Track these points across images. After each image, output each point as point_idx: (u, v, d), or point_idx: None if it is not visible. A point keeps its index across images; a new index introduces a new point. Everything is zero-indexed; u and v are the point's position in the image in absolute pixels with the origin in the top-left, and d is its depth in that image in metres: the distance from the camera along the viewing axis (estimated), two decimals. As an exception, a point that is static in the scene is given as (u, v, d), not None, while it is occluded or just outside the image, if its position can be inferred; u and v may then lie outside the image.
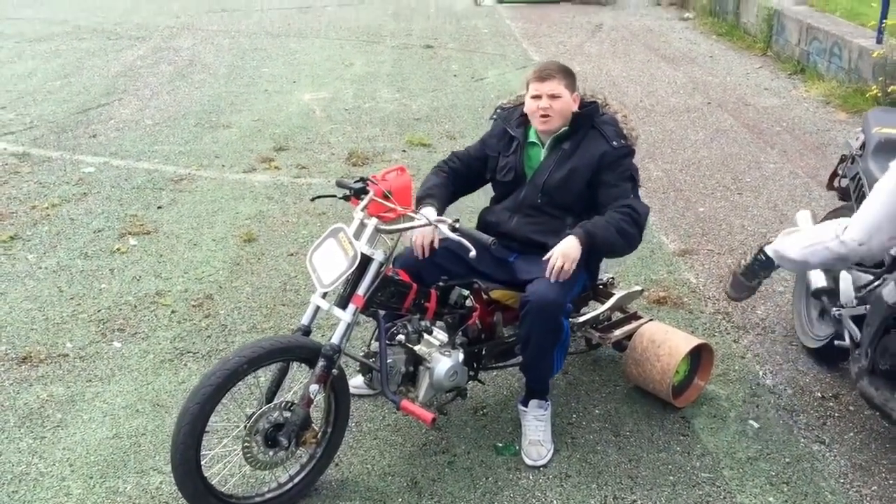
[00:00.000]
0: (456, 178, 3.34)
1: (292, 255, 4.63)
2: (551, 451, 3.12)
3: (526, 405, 3.18)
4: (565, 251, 2.94)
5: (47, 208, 5.17)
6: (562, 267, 2.93)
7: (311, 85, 7.90)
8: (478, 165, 3.38)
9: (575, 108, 3.22)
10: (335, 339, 2.74)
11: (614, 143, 3.15)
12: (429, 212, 3.00)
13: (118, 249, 4.67)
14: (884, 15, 7.20)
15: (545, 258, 2.97)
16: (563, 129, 3.21)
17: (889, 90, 6.62)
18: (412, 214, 2.88)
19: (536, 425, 3.15)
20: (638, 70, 8.41)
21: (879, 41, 7.16)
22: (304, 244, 4.72)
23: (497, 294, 3.24)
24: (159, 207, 5.22)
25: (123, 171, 5.79)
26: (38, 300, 4.15)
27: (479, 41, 9.69)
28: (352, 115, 7.04)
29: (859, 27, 7.92)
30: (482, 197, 3.54)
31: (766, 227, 5.02)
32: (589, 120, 3.22)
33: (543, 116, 3.17)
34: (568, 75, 3.20)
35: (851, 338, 3.12)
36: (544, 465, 3.06)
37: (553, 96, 3.15)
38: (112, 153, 6.11)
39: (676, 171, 5.88)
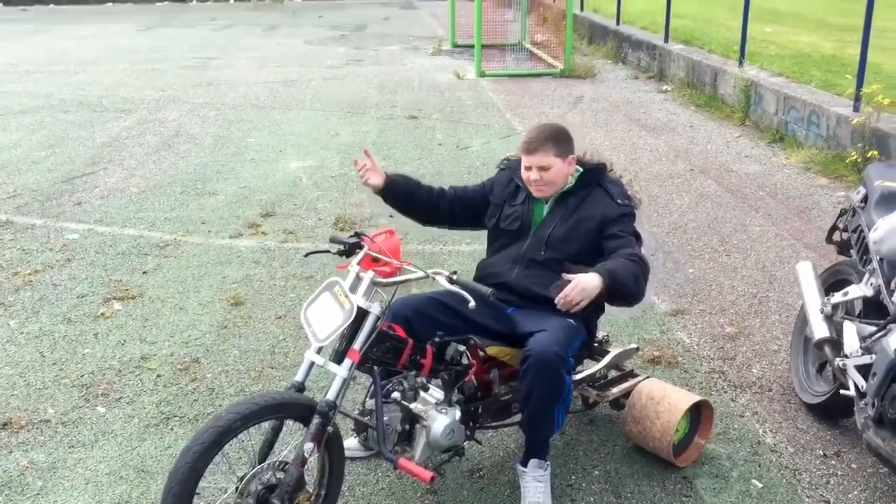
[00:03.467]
0: (442, 199, 3.40)
1: (280, 317, 4.56)
2: None
3: (525, 465, 3.09)
4: (585, 285, 2.78)
5: (30, 274, 5.08)
6: (574, 299, 2.77)
7: (298, 154, 7.93)
8: (471, 205, 3.38)
9: (571, 170, 3.22)
10: (330, 396, 2.67)
11: (619, 201, 3.16)
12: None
13: (102, 314, 4.58)
14: (860, 84, 7.38)
15: (562, 281, 2.81)
16: (569, 185, 3.22)
17: (868, 155, 6.74)
18: (408, 267, 2.85)
19: (536, 487, 3.06)
20: (620, 139, 8.53)
21: (856, 109, 7.32)
22: (293, 307, 4.65)
23: (494, 351, 3.19)
24: (144, 272, 5.15)
25: (108, 237, 5.73)
26: (19, 366, 4.04)
27: (463, 112, 9.82)
28: (338, 182, 7.05)
29: (835, 96, 8.11)
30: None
31: (756, 287, 5.02)
32: (595, 178, 3.23)
33: (536, 187, 3.19)
34: (559, 141, 3.18)
35: (857, 388, 3.09)
36: None
37: (542, 168, 3.15)
38: (97, 220, 6.06)
39: (664, 234, 5.91)
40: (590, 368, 3.48)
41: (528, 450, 3.11)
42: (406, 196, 3.39)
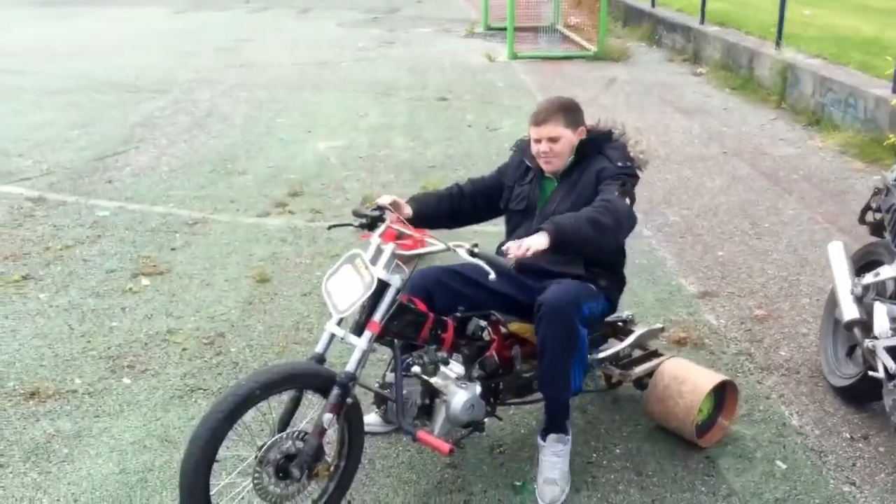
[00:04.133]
0: (463, 199, 3.33)
1: (306, 294, 4.57)
2: (566, 493, 3.00)
3: (545, 439, 3.07)
4: (528, 241, 2.76)
5: (61, 250, 5.15)
6: (518, 253, 2.72)
7: (327, 134, 7.94)
8: (490, 193, 3.35)
9: (577, 140, 3.18)
10: (350, 367, 2.67)
11: (619, 163, 3.10)
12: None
13: (130, 289, 4.63)
14: (899, 64, 7.22)
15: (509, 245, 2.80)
16: (570, 159, 3.18)
17: (906, 138, 6.59)
18: (430, 240, 2.83)
19: (554, 462, 3.04)
20: (652, 121, 8.43)
21: (895, 90, 7.15)
22: (318, 284, 4.65)
23: (515, 327, 3.17)
24: (173, 249, 5.20)
25: (138, 214, 5.79)
26: (48, 337, 4.10)
27: (494, 94, 9.76)
28: (366, 162, 7.05)
29: (874, 78, 7.93)
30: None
31: (787, 270, 4.94)
32: (596, 147, 3.19)
33: (545, 160, 3.15)
34: (567, 113, 3.15)
35: (886, 370, 3.02)
36: None
37: (552, 139, 3.11)
38: (127, 198, 6.12)
39: (694, 216, 5.83)
40: (614, 347, 3.45)
41: (549, 418, 3.08)
42: (430, 218, 3.26)
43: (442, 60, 12.00)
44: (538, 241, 2.76)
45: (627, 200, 3.04)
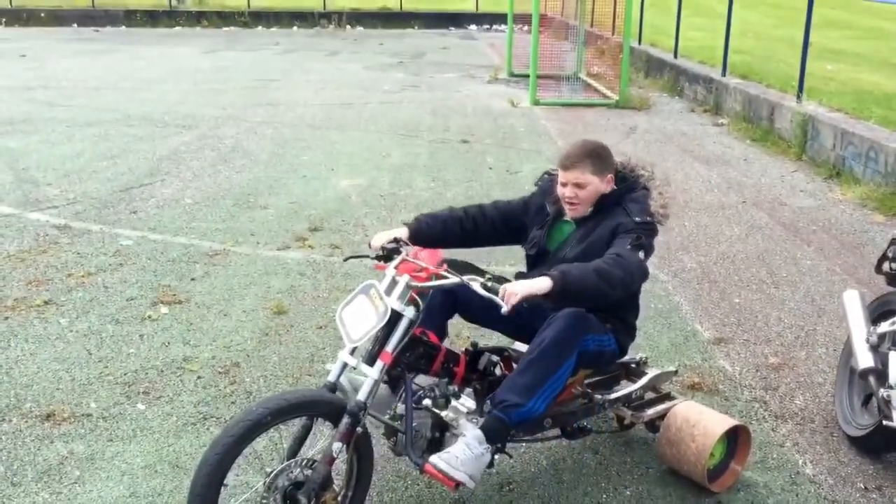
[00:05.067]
0: (483, 221, 3.36)
1: (321, 327, 4.61)
2: (459, 475, 2.70)
3: (472, 426, 2.85)
4: (525, 285, 2.74)
5: (83, 276, 5.23)
6: (512, 298, 2.68)
7: (349, 172, 8.05)
8: (511, 220, 3.38)
9: (607, 189, 3.19)
10: (361, 397, 2.69)
11: (637, 218, 3.09)
12: (385, 235, 3.10)
13: (149, 317, 4.69)
14: (919, 119, 7.23)
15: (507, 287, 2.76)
16: (590, 209, 3.20)
17: (927, 193, 6.58)
18: (444, 273, 2.86)
19: (463, 447, 2.76)
20: (672, 169, 8.47)
21: (916, 145, 7.16)
22: (334, 318, 4.68)
23: (528, 363, 3.18)
24: (192, 279, 5.26)
25: (160, 244, 5.87)
26: (66, 361, 4.15)
27: (515, 138, 9.86)
28: (387, 200, 7.13)
29: (895, 133, 7.95)
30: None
31: (803, 319, 4.92)
32: (617, 198, 3.20)
33: (570, 204, 3.18)
34: (596, 159, 3.17)
35: (900, 419, 3.00)
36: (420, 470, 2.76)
37: (578, 185, 3.14)
38: (151, 228, 6.22)
39: (711, 263, 5.83)
40: (626, 388, 3.45)
41: (487, 423, 2.85)
42: (436, 238, 3.30)
43: (465, 104, 12.15)
44: (536, 286, 2.74)
45: (641, 254, 3.01)
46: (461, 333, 4.26)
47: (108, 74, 14.14)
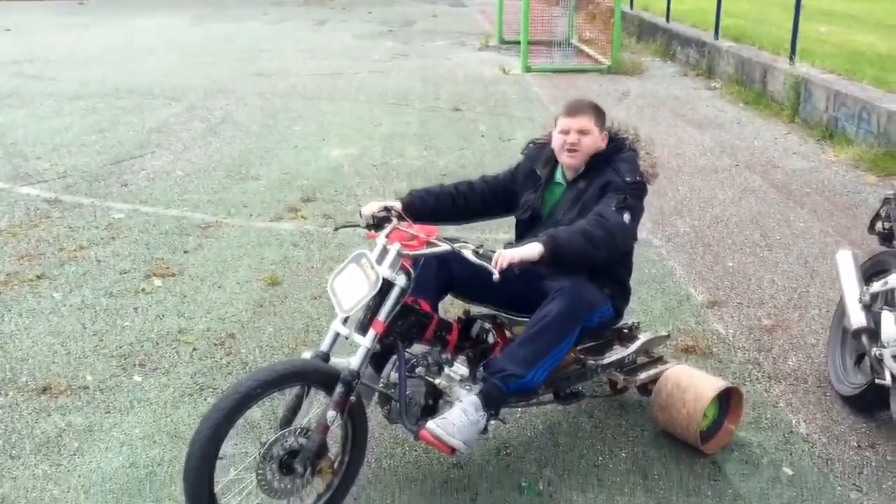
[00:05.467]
0: (472, 196, 3.36)
1: (316, 298, 4.61)
2: (454, 441, 2.72)
3: (469, 392, 2.87)
4: (517, 251, 2.76)
5: (75, 250, 5.21)
6: (503, 261, 2.72)
7: (340, 142, 8.00)
8: (502, 193, 3.38)
9: (602, 145, 3.22)
10: (354, 365, 2.70)
11: (627, 178, 3.10)
12: (376, 204, 3.08)
13: (143, 289, 4.68)
14: (912, 79, 7.20)
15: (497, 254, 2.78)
16: (580, 170, 3.20)
17: (919, 153, 6.57)
18: (434, 241, 2.86)
19: (459, 413, 2.78)
20: (665, 133, 8.44)
21: (908, 105, 7.15)
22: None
23: (520, 330, 3.19)
24: (185, 251, 5.25)
25: (152, 217, 5.85)
26: (60, 335, 4.15)
27: (507, 105, 9.81)
28: (379, 170, 7.10)
29: (888, 93, 7.92)
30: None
31: (796, 281, 4.93)
32: (607, 158, 3.20)
33: (570, 151, 3.17)
34: (598, 113, 3.22)
35: (893, 378, 3.02)
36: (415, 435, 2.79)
37: (582, 131, 3.15)
38: (142, 201, 6.19)
39: (704, 227, 5.84)
40: (619, 353, 3.46)
41: (484, 392, 2.86)
42: (428, 213, 3.27)
43: (456, 72, 12.06)
44: (528, 252, 2.77)
45: (627, 215, 3.02)
46: (455, 302, 4.26)
47: (94, 47, 13.99)
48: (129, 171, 6.92)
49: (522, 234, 3.32)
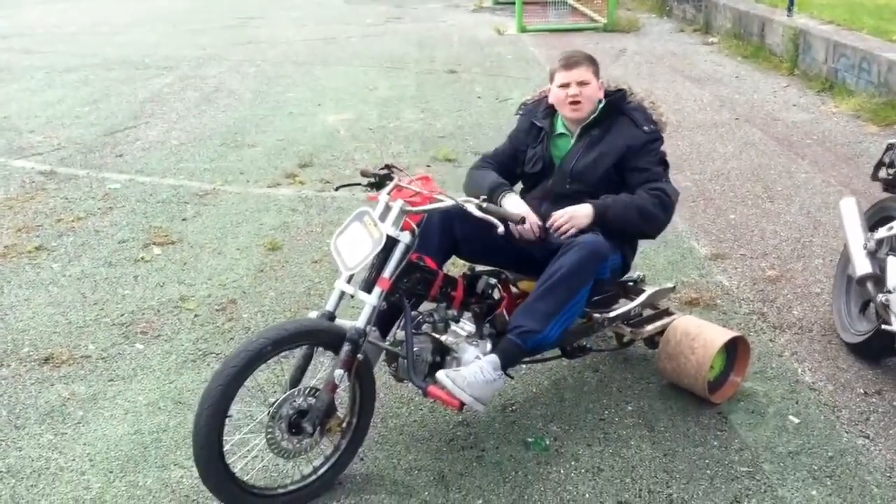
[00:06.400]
0: (501, 174, 3.34)
1: (316, 262, 4.58)
2: (468, 398, 2.68)
3: (484, 354, 2.84)
4: (575, 212, 3.00)
5: (73, 221, 5.17)
6: (564, 224, 2.99)
7: (336, 107, 7.92)
8: (509, 164, 3.36)
9: (601, 95, 3.20)
10: (360, 323, 2.67)
11: (645, 128, 3.14)
12: (514, 199, 3.10)
13: (142, 258, 4.65)
14: (913, 27, 7.12)
15: (555, 214, 3.03)
16: (592, 116, 3.18)
17: (921, 101, 6.51)
18: (439, 196, 2.82)
19: (475, 370, 2.73)
20: (663, 89, 8.36)
21: (909, 53, 7.07)
22: (329, 252, 4.63)
23: (525, 285, 3.17)
24: (184, 219, 5.21)
25: (149, 186, 5.80)
26: (61, 305, 4.12)
27: (503, 66, 9.71)
28: (376, 134, 7.04)
29: (887, 42, 7.84)
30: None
31: (799, 232, 4.91)
32: (617, 107, 3.20)
33: (573, 104, 3.14)
34: (593, 62, 3.21)
35: (899, 322, 3.01)
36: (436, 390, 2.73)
37: (582, 83, 3.13)
38: (138, 171, 6.13)
39: (706, 181, 5.79)
40: (625, 306, 3.43)
41: (501, 352, 2.84)
42: None
43: (450, 34, 11.94)
44: (581, 214, 3.00)
45: (669, 174, 3.20)
46: (458, 262, 4.24)
47: (83, 19, 13.81)
48: (123, 142, 6.85)
49: (533, 186, 3.30)
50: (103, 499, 2.78)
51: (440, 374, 2.72)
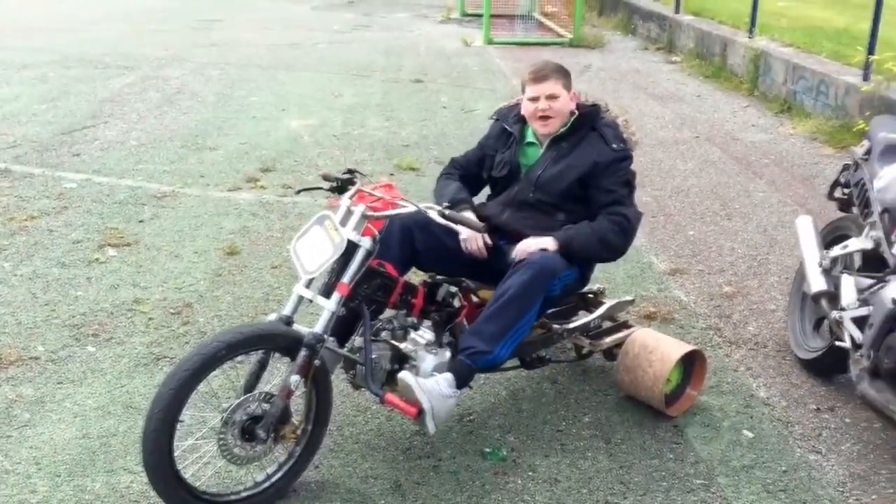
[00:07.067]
0: (465, 183, 3.32)
1: (275, 267, 4.52)
2: (428, 409, 2.69)
3: (437, 372, 2.82)
4: (538, 246, 2.98)
5: (25, 220, 5.05)
6: (524, 253, 2.96)
7: (300, 113, 7.87)
8: (474, 169, 3.36)
9: (573, 106, 3.21)
10: (318, 329, 2.64)
11: (614, 145, 3.13)
12: (469, 216, 2.99)
13: (96, 259, 4.56)
14: (870, 51, 7.28)
15: (518, 248, 3.01)
16: (563, 129, 3.18)
17: (875, 125, 6.64)
18: (401, 202, 2.81)
19: (433, 385, 2.73)
20: (626, 106, 8.42)
21: (866, 77, 7.23)
22: (288, 258, 4.56)
23: (485, 294, 3.16)
24: (140, 221, 5.12)
25: (105, 187, 5.69)
26: (10, 305, 4.02)
27: (469, 77, 9.74)
28: (340, 140, 7.00)
29: (845, 66, 8.00)
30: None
31: (756, 249, 4.97)
32: (590, 121, 3.20)
33: (542, 118, 3.14)
34: (564, 74, 3.21)
35: (852, 340, 3.05)
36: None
37: (551, 97, 3.13)
38: (95, 171, 6.02)
39: (665, 197, 5.85)
40: (584, 318, 3.45)
41: (455, 369, 2.83)
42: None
43: (417, 44, 11.95)
44: (545, 243, 2.98)
45: (632, 194, 3.23)
46: (417, 272, 4.22)
47: (42, 15, 13.58)
48: (81, 141, 6.73)
49: (500, 192, 3.30)
50: (49, 502, 2.70)
51: (403, 372, 2.70)
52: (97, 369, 3.50)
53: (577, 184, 3.12)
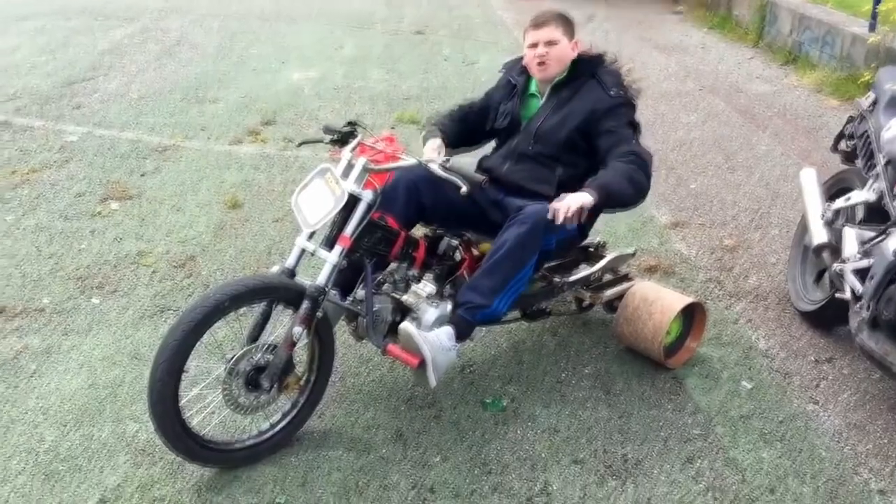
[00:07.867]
0: (461, 121, 3.30)
1: (277, 220, 4.53)
2: (426, 357, 2.68)
3: (436, 327, 2.82)
4: (572, 200, 2.76)
5: (27, 173, 5.05)
6: (567, 211, 2.73)
7: (301, 65, 7.80)
8: (480, 117, 3.34)
9: (574, 55, 3.17)
10: (320, 280, 2.66)
11: (611, 92, 3.09)
12: (433, 143, 2.97)
13: (99, 212, 4.57)
14: (877, 1, 7.18)
15: (555, 201, 2.80)
16: (561, 76, 3.16)
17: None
18: (402, 155, 2.80)
19: (435, 337, 2.74)
20: (629, 57, 8.35)
21: (873, 28, 7.14)
22: (290, 211, 4.58)
23: (486, 247, 3.16)
24: (143, 174, 5.11)
25: (107, 140, 5.67)
26: (14, 258, 4.04)
27: (471, 29, 9.64)
28: (341, 93, 6.95)
29: (851, 16, 7.91)
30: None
31: (758, 202, 4.97)
32: (590, 69, 3.17)
33: (540, 64, 3.12)
34: (565, 22, 3.17)
35: (853, 292, 3.07)
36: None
37: (549, 42, 3.11)
38: (96, 123, 5.99)
39: (668, 150, 5.83)
40: (585, 270, 3.46)
41: (454, 324, 2.83)
42: (461, 137, 3.32)
43: (419, -6, 11.79)
44: (583, 199, 2.76)
45: (640, 137, 3.11)
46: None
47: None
48: (81, 94, 6.68)
49: (501, 143, 3.29)
50: (57, 451, 2.75)
51: (404, 323, 2.72)
52: (102, 320, 3.53)
53: (576, 133, 3.08)
